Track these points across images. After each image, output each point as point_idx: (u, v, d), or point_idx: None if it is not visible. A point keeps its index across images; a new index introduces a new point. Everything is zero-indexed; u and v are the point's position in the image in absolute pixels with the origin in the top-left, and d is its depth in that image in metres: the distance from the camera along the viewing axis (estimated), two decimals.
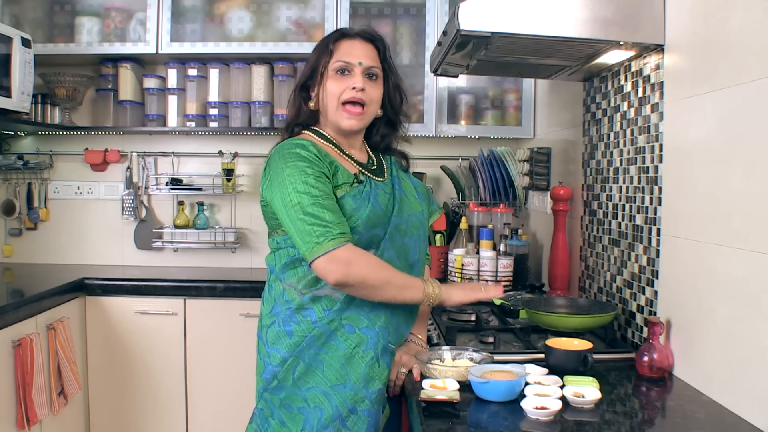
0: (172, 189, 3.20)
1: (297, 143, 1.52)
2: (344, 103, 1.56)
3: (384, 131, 1.68)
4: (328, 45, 1.59)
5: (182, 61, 3.07)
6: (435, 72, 2.15)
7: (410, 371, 1.54)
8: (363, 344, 1.50)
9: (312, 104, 1.60)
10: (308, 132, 1.63)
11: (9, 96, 2.55)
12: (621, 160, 1.91)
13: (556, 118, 2.64)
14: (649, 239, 1.72)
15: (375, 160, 1.67)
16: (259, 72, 3.05)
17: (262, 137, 3.21)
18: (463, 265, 2.55)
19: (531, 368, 1.48)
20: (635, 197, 1.81)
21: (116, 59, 3.07)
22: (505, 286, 2.48)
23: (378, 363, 1.51)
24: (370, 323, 1.51)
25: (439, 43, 1.92)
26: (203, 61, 3.07)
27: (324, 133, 1.62)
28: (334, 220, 1.42)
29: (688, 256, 1.52)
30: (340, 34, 1.60)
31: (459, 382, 1.40)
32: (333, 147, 1.59)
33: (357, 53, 1.57)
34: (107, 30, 2.97)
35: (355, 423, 1.47)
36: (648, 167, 1.73)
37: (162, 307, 2.76)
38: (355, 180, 1.53)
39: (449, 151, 3.24)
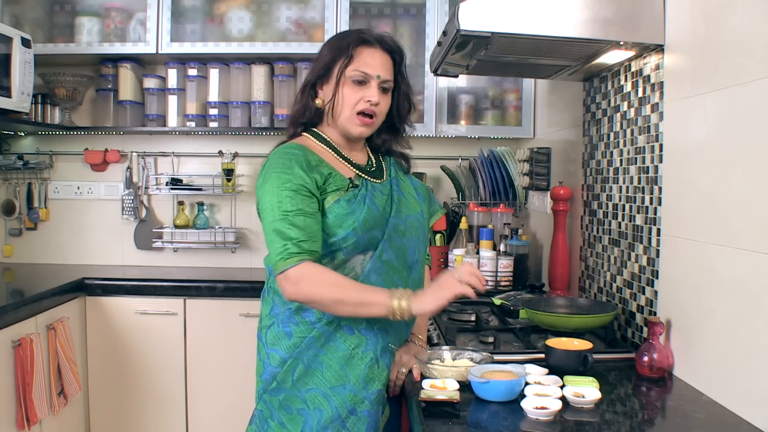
0: (172, 189, 3.20)
1: (289, 151, 1.52)
2: (357, 112, 1.56)
3: (386, 136, 1.68)
4: (348, 47, 1.54)
5: (182, 61, 3.07)
6: (435, 72, 2.15)
7: (410, 371, 1.54)
8: (362, 345, 1.49)
9: (319, 102, 1.59)
10: (308, 135, 1.62)
11: (9, 96, 2.55)
12: (621, 160, 1.91)
13: (556, 118, 2.64)
14: (649, 239, 1.72)
15: (375, 161, 1.67)
16: (259, 72, 3.05)
17: (262, 137, 3.21)
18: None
19: (531, 368, 1.48)
20: (635, 197, 1.81)
21: (116, 59, 3.07)
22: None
23: (377, 364, 1.51)
24: (369, 324, 1.51)
25: (439, 43, 1.92)
26: (203, 61, 3.07)
27: (324, 136, 1.61)
28: (297, 237, 1.42)
29: (688, 256, 1.52)
30: (361, 39, 1.56)
31: (459, 382, 1.40)
32: (331, 151, 1.59)
33: (376, 65, 1.55)
34: (107, 30, 2.97)
35: (355, 424, 1.47)
36: (648, 167, 1.73)
37: (162, 307, 2.76)
38: (350, 184, 1.52)
39: (449, 151, 3.24)
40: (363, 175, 1.58)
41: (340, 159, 1.58)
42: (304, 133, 1.62)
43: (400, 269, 1.56)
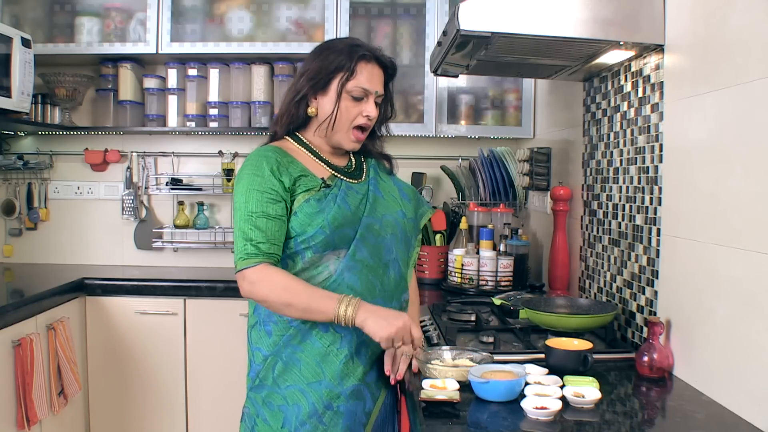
0: (172, 189, 3.20)
1: (264, 153, 1.56)
2: (354, 126, 1.60)
3: (366, 140, 1.70)
4: (350, 62, 1.56)
5: (182, 61, 3.07)
6: (435, 72, 2.15)
7: (409, 366, 1.54)
8: (337, 342, 1.53)
9: (311, 111, 1.61)
10: (288, 138, 1.65)
11: (9, 96, 2.55)
12: (621, 160, 1.91)
13: (556, 118, 2.64)
14: (649, 239, 1.72)
15: (355, 162, 1.69)
16: (259, 72, 3.05)
17: (262, 137, 3.16)
18: (463, 265, 2.55)
19: (531, 368, 1.48)
20: (635, 197, 1.81)
21: (116, 59, 3.07)
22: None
23: (353, 360, 1.54)
24: None
25: (439, 43, 1.92)
26: (203, 61, 3.07)
27: (304, 141, 1.64)
28: (257, 239, 1.48)
29: (688, 256, 1.52)
30: (360, 55, 1.57)
31: (459, 382, 1.40)
32: (308, 153, 1.62)
33: (376, 81, 1.60)
34: (107, 30, 2.97)
35: (332, 419, 1.51)
36: (648, 167, 1.73)
37: (162, 307, 2.76)
38: (322, 184, 1.56)
39: (449, 151, 3.24)
40: (339, 176, 1.61)
41: (317, 160, 1.62)
42: (287, 137, 1.65)
43: (376, 268, 1.58)
